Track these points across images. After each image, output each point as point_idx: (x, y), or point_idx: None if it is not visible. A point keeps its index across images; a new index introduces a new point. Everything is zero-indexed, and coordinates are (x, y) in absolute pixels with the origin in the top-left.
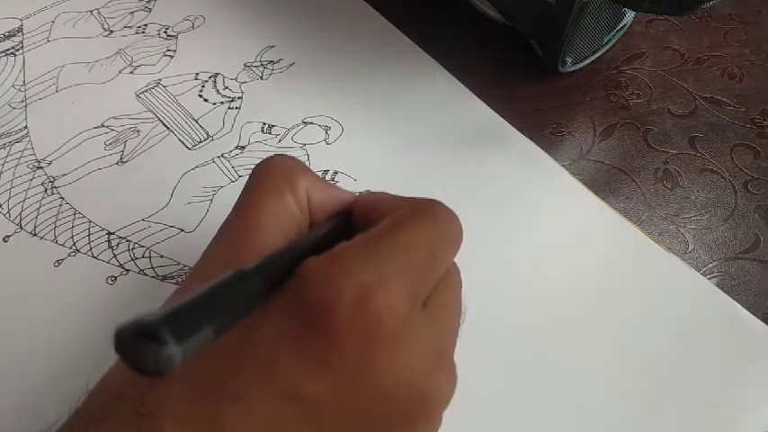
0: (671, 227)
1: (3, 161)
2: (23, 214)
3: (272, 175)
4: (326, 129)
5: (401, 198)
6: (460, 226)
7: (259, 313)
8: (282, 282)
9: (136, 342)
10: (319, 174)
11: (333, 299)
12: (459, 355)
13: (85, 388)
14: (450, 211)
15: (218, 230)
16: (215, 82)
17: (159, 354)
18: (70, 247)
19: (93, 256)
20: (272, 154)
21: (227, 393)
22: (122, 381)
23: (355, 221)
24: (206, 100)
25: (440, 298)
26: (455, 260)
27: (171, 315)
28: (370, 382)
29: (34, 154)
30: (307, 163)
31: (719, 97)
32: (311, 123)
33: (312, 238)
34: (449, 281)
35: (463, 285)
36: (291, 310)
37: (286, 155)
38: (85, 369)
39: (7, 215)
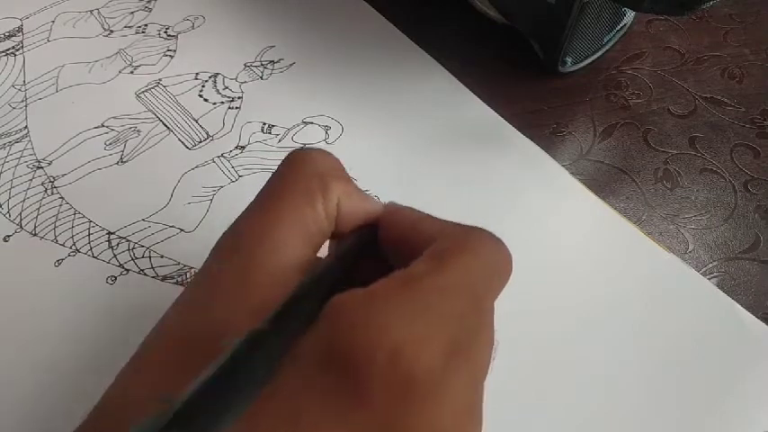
0: (671, 227)
1: (3, 161)
2: (23, 214)
3: (306, 174)
4: (326, 129)
5: (439, 222)
6: (510, 259)
7: (285, 358)
8: (309, 320)
9: None
10: None
11: (368, 352)
12: None
13: (94, 383)
14: (499, 242)
15: (233, 228)
16: (215, 82)
17: None
18: (70, 247)
19: (93, 256)
20: (272, 153)
21: None
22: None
23: (382, 237)
24: (206, 100)
25: (475, 343)
26: None
27: (175, 418)
28: None
29: (34, 154)
30: None
31: (719, 97)
32: (311, 123)
33: (338, 259)
34: (485, 322)
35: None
36: (322, 356)
37: (324, 150)
38: (86, 369)
39: (7, 215)
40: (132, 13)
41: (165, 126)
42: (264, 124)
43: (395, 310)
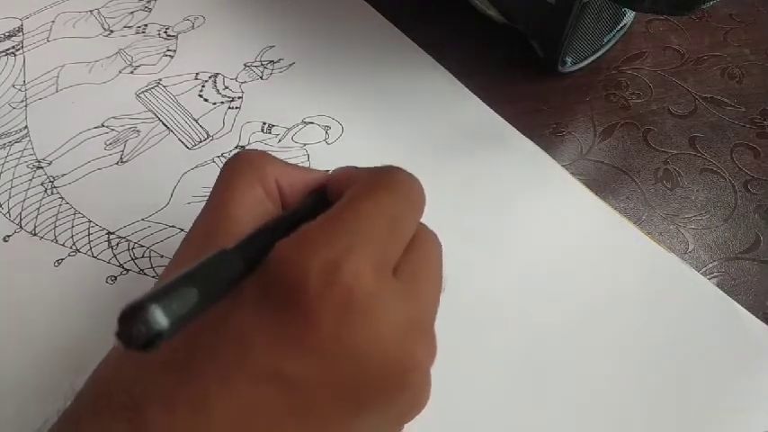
0: (671, 227)
1: (3, 161)
2: (23, 214)
3: (240, 168)
4: (326, 129)
5: (363, 169)
6: (421, 189)
7: (235, 297)
8: (258, 263)
9: (126, 319)
10: None
11: (301, 278)
12: (459, 356)
13: (70, 390)
14: (409, 175)
15: (191, 228)
16: (215, 82)
17: (144, 320)
18: (70, 247)
19: (93, 256)
20: (273, 154)
21: (209, 378)
22: (108, 378)
23: (330, 197)
24: (206, 100)
25: (411, 266)
26: (431, 229)
27: (157, 290)
28: (345, 354)
29: (34, 154)
30: (306, 163)
31: (719, 97)
32: (311, 123)
33: (284, 218)
34: (420, 248)
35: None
36: (264, 291)
37: (252, 149)
38: (86, 369)
39: (7, 215)
40: (132, 13)
41: (165, 126)
42: (264, 124)
43: (320, 239)
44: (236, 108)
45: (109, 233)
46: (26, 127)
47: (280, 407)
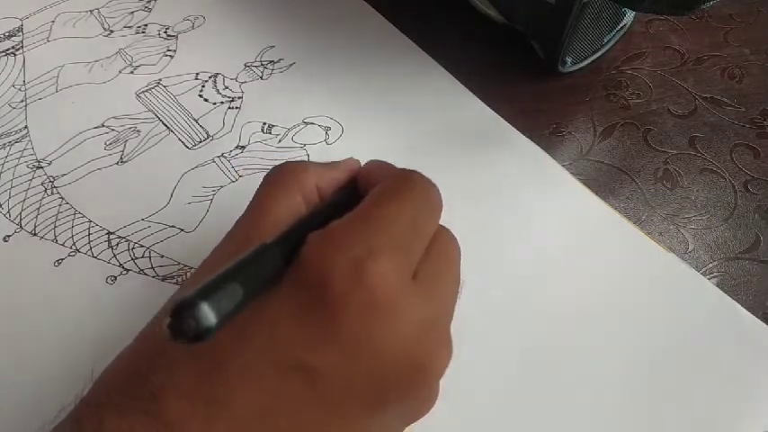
0: (671, 227)
1: (3, 161)
2: (23, 214)
3: (281, 178)
4: (327, 129)
5: (388, 168)
6: (438, 193)
7: (268, 290)
8: (294, 256)
9: (178, 314)
10: None
11: (328, 273)
12: (460, 356)
13: (90, 377)
14: (427, 180)
15: (230, 230)
16: (215, 82)
17: (195, 316)
18: (70, 247)
19: (93, 256)
20: (272, 153)
21: (231, 371)
22: (128, 369)
23: (361, 191)
24: (206, 100)
25: (430, 268)
26: (451, 232)
27: (205, 286)
28: (367, 350)
29: (34, 154)
30: None
31: (719, 97)
32: (311, 123)
33: (318, 211)
34: (439, 251)
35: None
36: (293, 285)
37: (294, 161)
38: (86, 369)
39: (7, 215)
40: (132, 13)
41: (165, 126)
42: (264, 124)
43: (347, 237)
44: (237, 108)
45: (109, 233)
46: (26, 127)
47: (301, 398)
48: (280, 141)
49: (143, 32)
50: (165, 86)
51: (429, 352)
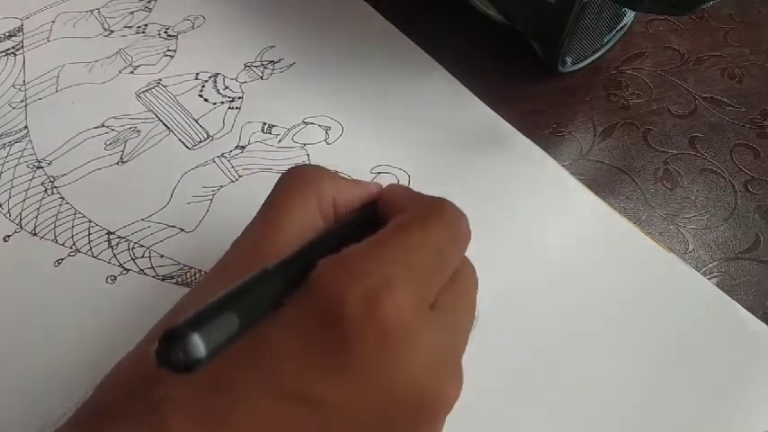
0: (671, 227)
1: (3, 161)
2: (23, 214)
3: (297, 183)
4: (327, 129)
5: (414, 194)
6: (468, 225)
7: (273, 314)
8: (302, 279)
9: (167, 342)
10: None
11: (340, 303)
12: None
13: (93, 382)
14: (457, 209)
15: (241, 233)
16: (215, 82)
17: (184, 348)
18: (70, 247)
19: (93, 256)
20: (272, 153)
21: (235, 391)
22: (130, 376)
23: (380, 215)
24: (206, 100)
25: (449, 299)
26: (471, 263)
27: (198, 315)
28: (376, 383)
29: (34, 154)
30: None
31: (719, 97)
32: (311, 123)
33: (331, 233)
34: (460, 282)
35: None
36: (302, 312)
37: (313, 165)
38: (86, 369)
39: (7, 215)
40: (132, 13)
41: (165, 126)
42: (264, 124)
43: (362, 265)
44: (237, 108)
45: (109, 233)
46: (26, 127)
47: (304, 427)
48: (280, 141)
49: (143, 32)
50: (165, 86)
51: (440, 388)
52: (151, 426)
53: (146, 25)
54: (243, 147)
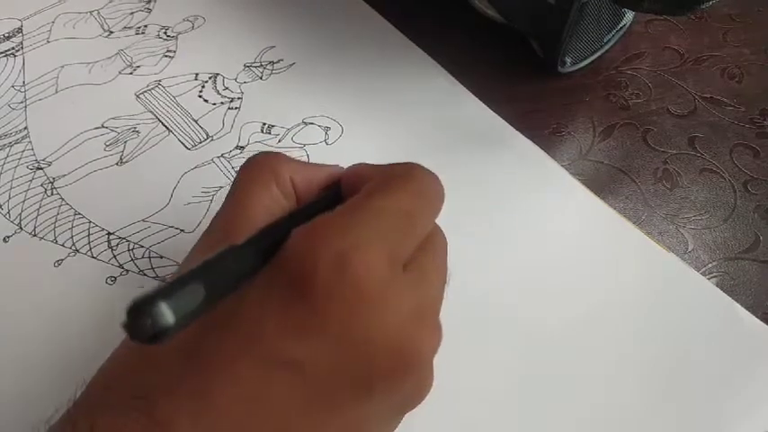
0: (671, 227)
1: (3, 162)
2: (23, 215)
3: (256, 170)
4: (326, 129)
5: (383, 166)
6: (441, 187)
7: (248, 286)
8: (272, 255)
9: (134, 313)
10: None
11: (312, 266)
12: (459, 357)
13: (82, 381)
14: (429, 172)
15: (208, 226)
16: (215, 82)
17: (152, 315)
18: (70, 248)
19: (92, 257)
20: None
21: (215, 364)
22: (118, 368)
23: (344, 193)
24: (206, 100)
25: (421, 260)
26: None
27: (165, 285)
28: (353, 342)
29: (34, 155)
30: None
31: (719, 97)
32: (311, 124)
33: (298, 212)
34: (431, 243)
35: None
36: (275, 279)
37: (267, 152)
38: (86, 369)
39: (7, 215)
40: (132, 13)
41: (165, 127)
42: (264, 124)
43: (333, 230)
44: (236, 108)
45: (109, 233)
46: (26, 128)
47: (288, 393)
48: (279, 141)
49: (143, 33)
50: (164, 87)
51: (417, 340)
52: (141, 411)
53: (145, 26)
54: (242, 147)
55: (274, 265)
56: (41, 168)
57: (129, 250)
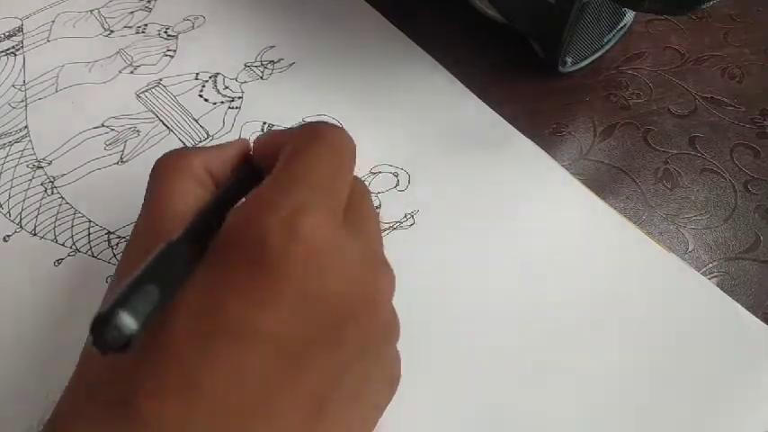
0: (671, 227)
1: (3, 161)
2: (23, 214)
3: (169, 167)
4: None
5: (288, 131)
6: (349, 138)
7: (200, 273)
8: (210, 239)
9: (98, 328)
10: None
11: (262, 237)
12: (459, 357)
13: (56, 389)
14: (335, 127)
15: (134, 229)
16: (215, 82)
17: (116, 326)
18: (70, 247)
19: (93, 256)
20: None
21: (191, 354)
22: (89, 375)
23: (260, 163)
24: (206, 100)
25: (356, 208)
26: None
27: (121, 294)
28: (315, 298)
29: (34, 154)
30: None
31: (719, 97)
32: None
33: (221, 195)
34: (357, 191)
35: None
36: (227, 258)
37: (173, 150)
38: None
39: (7, 215)
40: (132, 13)
41: (166, 126)
42: (264, 124)
43: (272, 199)
44: (237, 108)
45: (109, 233)
46: (26, 127)
47: (267, 363)
48: None
49: (143, 32)
50: (165, 86)
51: (373, 279)
52: (125, 416)
53: (146, 25)
54: None
55: (219, 246)
56: (41, 167)
57: None
